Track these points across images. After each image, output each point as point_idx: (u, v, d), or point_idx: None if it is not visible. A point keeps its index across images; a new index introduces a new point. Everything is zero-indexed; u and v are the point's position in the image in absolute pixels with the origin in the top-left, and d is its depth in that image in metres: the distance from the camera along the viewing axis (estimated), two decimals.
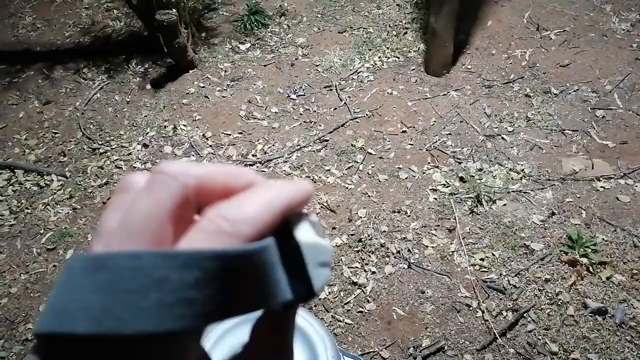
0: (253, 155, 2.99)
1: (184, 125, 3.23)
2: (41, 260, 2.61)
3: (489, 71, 3.31)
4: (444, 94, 3.19)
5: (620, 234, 2.30)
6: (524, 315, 2.08)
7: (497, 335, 2.02)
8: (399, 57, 3.53)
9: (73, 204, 2.86)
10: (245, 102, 3.33)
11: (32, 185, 3.00)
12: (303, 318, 1.18)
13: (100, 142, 3.21)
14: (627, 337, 1.96)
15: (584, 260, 2.19)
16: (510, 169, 2.68)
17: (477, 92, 3.18)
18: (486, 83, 3.23)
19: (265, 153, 2.99)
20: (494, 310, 2.12)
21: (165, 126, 3.25)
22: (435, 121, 3.03)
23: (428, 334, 2.09)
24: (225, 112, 3.29)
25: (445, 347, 2.04)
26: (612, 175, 2.56)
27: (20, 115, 3.51)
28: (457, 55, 3.39)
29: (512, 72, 3.27)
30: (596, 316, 2.03)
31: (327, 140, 3.00)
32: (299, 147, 2.98)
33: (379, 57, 3.54)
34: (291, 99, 3.32)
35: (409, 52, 3.56)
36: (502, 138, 2.86)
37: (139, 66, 3.79)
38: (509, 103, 3.07)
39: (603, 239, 2.28)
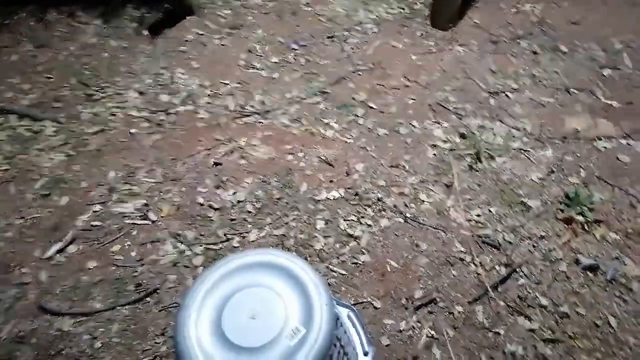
0: (251, 107, 2.93)
1: (182, 74, 3.15)
2: (36, 206, 2.60)
3: (496, 26, 3.21)
4: (450, 49, 3.10)
5: (618, 193, 2.29)
6: (517, 270, 2.10)
7: (488, 288, 2.04)
8: (404, 9, 3.41)
9: (67, 151, 2.82)
10: (245, 51, 3.23)
11: (25, 131, 2.95)
12: (298, 266, 1.18)
13: (95, 89, 3.14)
14: (615, 293, 1.99)
15: (580, 218, 2.19)
16: (511, 127, 2.64)
17: (484, 48, 3.09)
18: (493, 38, 3.13)
19: (263, 104, 2.93)
20: (487, 264, 2.13)
21: (162, 74, 3.17)
22: (439, 76, 2.95)
23: (421, 285, 2.11)
24: (224, 61, 3.20)
25: (437, 299, 2.06)
26: (614, 135, 2.52)
27: (13, 58, 3.41)
28: (464, 9, 3.27)
29: (521, 27, 3.17)
30: (587, 272, 2.06)
31: (327, 93, 2.94)
32: (298, 99, 2.92)
33: (384, 8, 3.42)
34: (292, 49, 3.23)
35: (415, 3, 3.43)
36: (506, 95, 2.80)
37: (135, 11, 3.65)
38: (516, 60, 2.99)
39: (600, 198, 2.27)
